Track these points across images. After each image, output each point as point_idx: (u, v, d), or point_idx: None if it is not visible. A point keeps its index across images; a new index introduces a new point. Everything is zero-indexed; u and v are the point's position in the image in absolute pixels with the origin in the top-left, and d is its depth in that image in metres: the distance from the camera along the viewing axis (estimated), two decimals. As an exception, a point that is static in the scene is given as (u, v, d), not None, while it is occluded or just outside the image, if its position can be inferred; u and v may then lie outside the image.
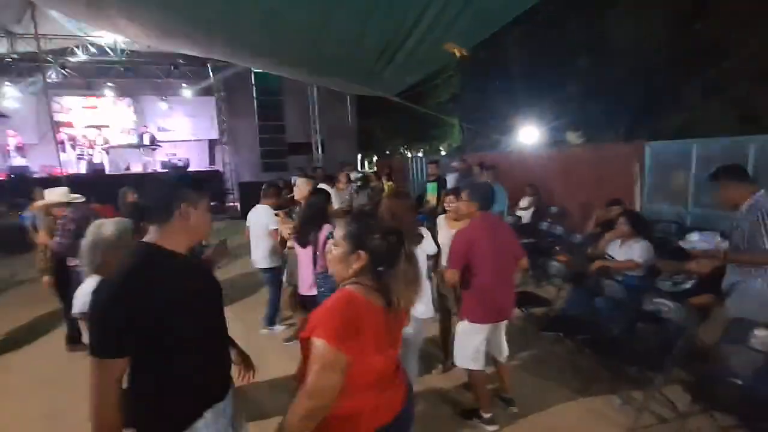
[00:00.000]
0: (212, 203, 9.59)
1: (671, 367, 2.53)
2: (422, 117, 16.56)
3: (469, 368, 2.64)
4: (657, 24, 8.27)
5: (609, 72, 9.64)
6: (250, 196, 7.22)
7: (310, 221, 3.16)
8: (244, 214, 4.89)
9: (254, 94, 13.69)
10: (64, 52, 10.89)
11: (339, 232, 1.42)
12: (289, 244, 3.79)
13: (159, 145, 12.73)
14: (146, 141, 12.48)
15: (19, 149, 11.49)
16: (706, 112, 8.32)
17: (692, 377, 2.65)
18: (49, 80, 10.72)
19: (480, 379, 2.67)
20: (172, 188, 1.38)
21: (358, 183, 10.50)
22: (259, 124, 13.98)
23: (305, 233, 3.15)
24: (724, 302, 2.63)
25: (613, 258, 3.65)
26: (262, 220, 4.10)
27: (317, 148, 14.67)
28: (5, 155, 11.35)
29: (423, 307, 2.53)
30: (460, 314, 2.69)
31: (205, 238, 1.40)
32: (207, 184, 1.51)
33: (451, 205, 3.34)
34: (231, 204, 13.29)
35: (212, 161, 14.25)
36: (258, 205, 4.21)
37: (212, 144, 14.20)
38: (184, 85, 12.79)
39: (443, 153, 22.45)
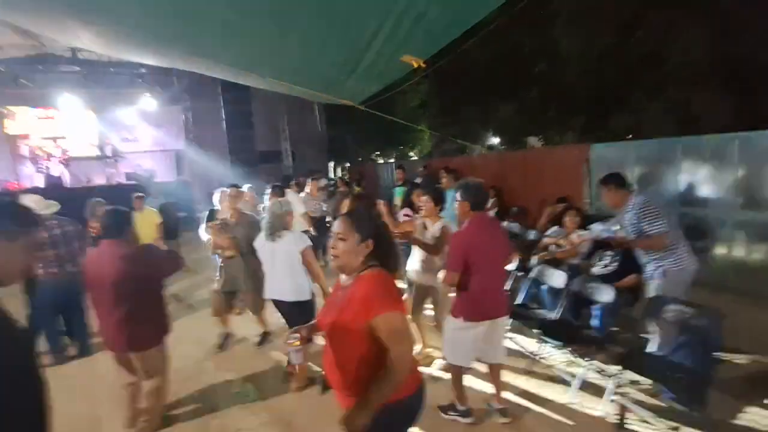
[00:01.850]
0: (181, 214, 9.36)
1: (604, 341, 2.84)
2: (392, 124, 16.85)
3: (456, 364, 2.70)
4: (600, 32, 8.92)
5: (561, 78, 10.27)
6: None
7: None
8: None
9: (221, 103, 13.63)
10: (18, 60, 10.56)
11: (343, 227, 1.59)
12: (228, 252, 3.86)
13: (122, 157, 12.46)
14: (108, 153, 12.20)
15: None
16: (649, 114, 9.01)
17: (622, 348, 2.97)
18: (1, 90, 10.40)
19: (461, 375, 2.73)
20: None
21: (330, 189, 10.67)
22: (227, 133, 13.92)
23: None
24: (646, 283, 3.01)
25: (559, 249, 4.00)
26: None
27: (287, 156, 14.73)
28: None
29: None
30: (452, 312, 2.69)
31: (12, 283, 1.25)
32: (34, 221, 1.30)
33: (421, 198, 3.42)
34: (200, 214, 13.14)
35: (180, 171, 14.05)
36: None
37: (179, 154, 14.01)
38: (147, 94, 12.59)
39: (414, 158, 22.87)
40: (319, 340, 1.76)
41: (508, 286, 3.74)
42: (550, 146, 12.73)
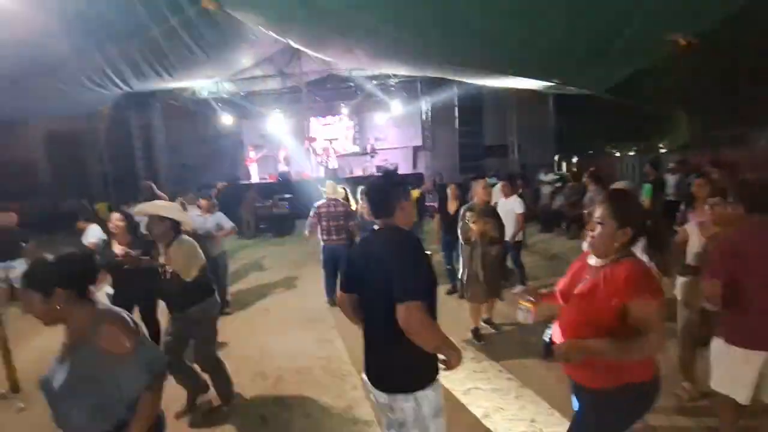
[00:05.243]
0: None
1: None
2: (631, 112, 14.70)
3: (723, 393, 2.31)
4: None
5: None
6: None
7: None
8: (440, 211, 6.03)
9: (455, 102, 14.89)
10: (315, 82, 14.26)
11: (603, 212, 1.67)
12: (490, 234, 4.20)
13: (376, 153, 15.28)
14: (367, 149, 15.22)
15: (285, 159, 15.54)
16: None
17: None
18: (304, 105, 14.29)
19: (729, 408, 2.32)
20: (398, 190, 1.90)
21: (556, 184, 10.37)
22: (458, 130, 15.20)
23: None
24: None
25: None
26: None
27: (514, 149, 14.88)
28: (276, 163, 15.50)
29: None
30: (723, 334, 2.31)
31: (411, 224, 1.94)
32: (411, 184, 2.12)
33: (714, 208, 2.79)
34: (429, 204, 14.81)
35: (415, 165, 16.13)
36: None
37: (416, 150, 16.07)
38: (396, 100, 14.96)
39: (663, 151, 19.21)
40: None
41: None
42: None
